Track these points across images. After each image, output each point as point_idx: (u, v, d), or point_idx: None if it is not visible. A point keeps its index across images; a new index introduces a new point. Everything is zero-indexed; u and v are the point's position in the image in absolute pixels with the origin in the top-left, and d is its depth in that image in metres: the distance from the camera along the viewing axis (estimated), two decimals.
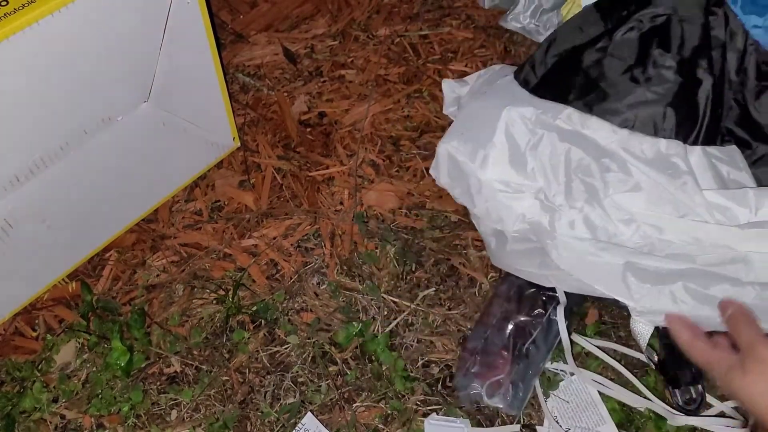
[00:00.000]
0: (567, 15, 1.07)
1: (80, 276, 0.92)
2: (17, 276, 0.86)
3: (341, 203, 0.99)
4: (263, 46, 1.18)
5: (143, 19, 0.76)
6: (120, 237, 0.95)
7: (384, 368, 0.84)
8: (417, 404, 0.82)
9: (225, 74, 0.95)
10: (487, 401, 0.79)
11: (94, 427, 0.81)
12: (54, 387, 0.84)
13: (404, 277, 0.91)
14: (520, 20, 1.15)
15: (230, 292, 0.90)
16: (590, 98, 0.82)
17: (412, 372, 0.84)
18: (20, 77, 0.67)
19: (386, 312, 0.88)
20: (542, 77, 0.87)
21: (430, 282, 0.91)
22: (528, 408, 0.81)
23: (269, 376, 0.84)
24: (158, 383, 0.84)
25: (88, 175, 0.84)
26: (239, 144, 1.04)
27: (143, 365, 0.85)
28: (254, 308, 0.89)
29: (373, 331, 0.87)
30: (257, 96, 1.11)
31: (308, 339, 0.87)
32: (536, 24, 1.13)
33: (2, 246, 0.79)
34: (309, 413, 0.81)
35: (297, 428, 0.80)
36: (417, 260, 0.93)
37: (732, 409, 0.80)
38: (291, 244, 0.95)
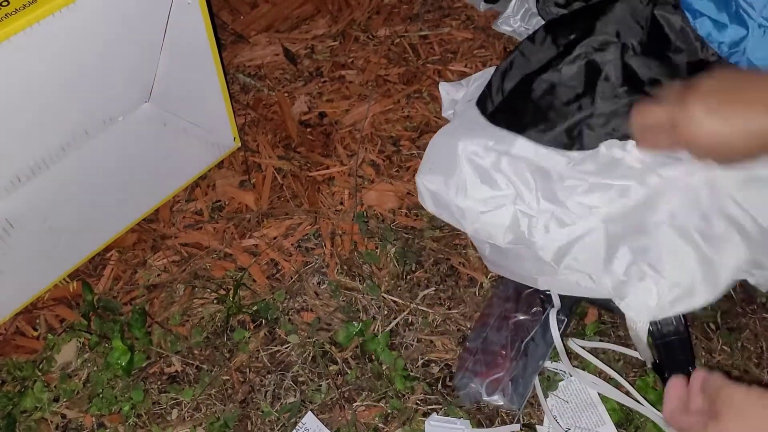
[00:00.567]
0: None
1: (81, 276, 0.93)
2: (18, 276, 0.86)
3: (341, 203, 0.99)
4: (264, 47, 1.18)
5: (144, 20, 0.76)
6: (121, 237, 0.96)
7: (384, 367, 0.84)
8: (417, 403, 0.82)
9: (225, 74, 0.95)
10: (487, 399, 0.79)
11: (95, 427, 0.82)
12: (55, 386, 0.84)
13: (404, 277, 0.92)
14: (511, 23, 1.15)
15: (231, 292, 0.90)
16: (541, 127, 0.83)
17: (412, 371, 0.84)
18: (21, 77, 0.67)
19: (386, 311, 0.89)
20: (498, 105, 0.88)
21: (430, 282, 0.91)
22: (528, 407, 0.81)
23: (270, 376, 0.84)
24: (159, 383, 0.84)
25: (89, 175, 0.84)
26: (240, 144, 1.04)
27: (144, 365, 0.85)
28: (255, 308, 0.89)
29: (374, 331, 0.87)
30: (258, 96, 1.12)
31: (308, 338, 0.87)
32: (526, 27, 1.13)
33: (3, 246, 0.79)
34: (309, 412, 0.81)
35: (297, 427, 0.80)
36: (417, 260, 0.93)
37: None
38: (291, 244, 0.95)
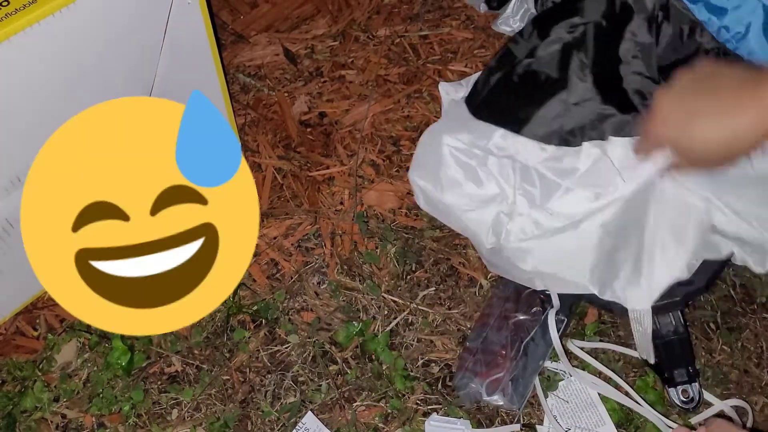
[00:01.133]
0: None
1: None
2: (18, 276, 0.86)
3: (341, 203, 0.99)
4: (264, 47, 1.18)
5: (144, 20, 0.76)
6: None
7: (384, 367, 0.84)
8: (417, 403, 0.82)
9: (225, 74, 0.95)
10: (487, 399, 0.79)
11: (95, 427, 0.82)
12: (55, 386, 0.84)
13: (404, 277, 0.92)
14: (510, 24, 1.15)
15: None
16: (520, 117, 0.82)
17: (412, 371, 0.84)
18: (21, 77, 0.67)
19: (386, 311, 0.89)
20: (482, 99, 0.88)
21: (430, 282, 0.91)
22: (528, 407, 0.81)
23: (270, 376, 0.84)
24: (159, 382, 0.84)
25: None
26: (240, 144, 1.04)
27: (144, 364, 0.85)
28: (255, 308, 0.89)
29: (374, 331, 0.87)
30: (258, 96, 1.12)
31: (308, 338, 0.87)
32: None
33: (3, 246, 0.79)
34: (309, 412, 0.81)
35: (297, 427, 0.80)
36: (417, 260, 0.93)
37: (731, 408, 0.80)
38: (291, 244, 0.95)
